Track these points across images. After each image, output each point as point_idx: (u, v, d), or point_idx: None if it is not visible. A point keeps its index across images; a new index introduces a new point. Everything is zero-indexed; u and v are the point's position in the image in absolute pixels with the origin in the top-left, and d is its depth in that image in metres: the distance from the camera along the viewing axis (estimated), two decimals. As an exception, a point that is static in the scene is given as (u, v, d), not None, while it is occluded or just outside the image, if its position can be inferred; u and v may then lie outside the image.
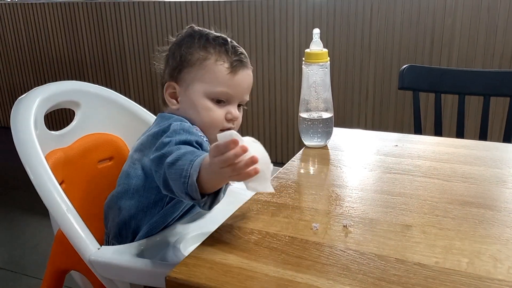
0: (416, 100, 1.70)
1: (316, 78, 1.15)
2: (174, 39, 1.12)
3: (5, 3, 3.89)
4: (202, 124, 1.05)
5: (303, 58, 1.15)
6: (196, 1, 3.24)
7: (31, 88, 1.20)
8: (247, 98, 1.10)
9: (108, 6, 3.52)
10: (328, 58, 1.15)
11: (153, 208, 1.04)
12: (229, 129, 1.06)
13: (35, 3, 3.83)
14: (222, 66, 1.04)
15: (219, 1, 3.16)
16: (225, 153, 0.71)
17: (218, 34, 1.09)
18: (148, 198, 1.04)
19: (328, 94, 1.17)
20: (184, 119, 1.04)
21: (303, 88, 1.17)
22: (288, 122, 3.10)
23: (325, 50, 1.14)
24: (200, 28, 1.10)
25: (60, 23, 3.70)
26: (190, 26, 1.12)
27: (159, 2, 3.43)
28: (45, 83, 1.26)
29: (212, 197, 0.82)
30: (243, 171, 0.71)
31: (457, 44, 2.64)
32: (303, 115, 1.18)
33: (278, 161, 3.13)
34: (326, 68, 1.15)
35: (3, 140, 2.41)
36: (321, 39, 1.14)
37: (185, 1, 3.34)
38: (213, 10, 3.13)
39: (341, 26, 2.83)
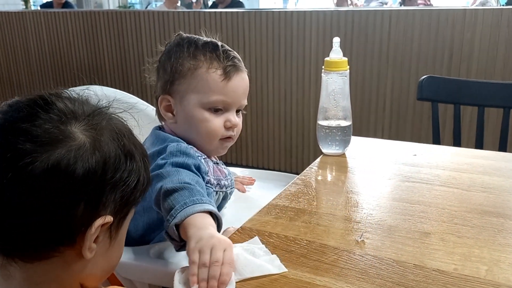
0: (435, 111, 1.69)
1: (335, 86, 1.15)
2: (163, 48, 1.08)
3: (29, 12, 3.98)
4: (200, 135, 1.02)
5: (323, 66, 1.15)
6: (215, 11, 3.27)
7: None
8: (245, 102, 1.06)
9: (128, 15, 3.58)
10: (348, 67, 1.15)
11: (160, 224, 1.00)
12: (229, 137, 1.04)
13: (58, 12, 3.91)
14: (214, 74, 1.00)
15: (237, 12, 3.19)
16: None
17: (208, 40, 1.04)
18: (150, 217, 1.01)
19: (347, 103, 1.17)
20: (180, 140, 1.00)
21: (322, 96, 1.17)
22: (304, 132, 3.10)
23: (345, 58, 1.14)
24: (188, 35, 1.06)
25: (81, 31, 3.77)
26: (178, 34, 1.07)
27: (178, 12, 3.47)
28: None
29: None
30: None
31: (476, 58, 2.62)
32: (322, 122, 1.19)
33: (293, 170, 3.13)
34: (346, 76, 1.15)
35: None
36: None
37: (204, 11, 3.38)
38: (231, 20, 3.16)
39: (359, 37, 2.83)
